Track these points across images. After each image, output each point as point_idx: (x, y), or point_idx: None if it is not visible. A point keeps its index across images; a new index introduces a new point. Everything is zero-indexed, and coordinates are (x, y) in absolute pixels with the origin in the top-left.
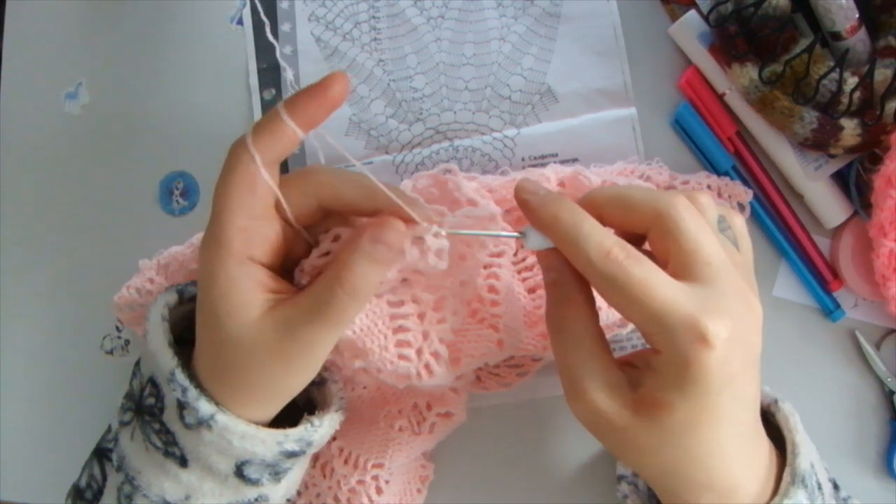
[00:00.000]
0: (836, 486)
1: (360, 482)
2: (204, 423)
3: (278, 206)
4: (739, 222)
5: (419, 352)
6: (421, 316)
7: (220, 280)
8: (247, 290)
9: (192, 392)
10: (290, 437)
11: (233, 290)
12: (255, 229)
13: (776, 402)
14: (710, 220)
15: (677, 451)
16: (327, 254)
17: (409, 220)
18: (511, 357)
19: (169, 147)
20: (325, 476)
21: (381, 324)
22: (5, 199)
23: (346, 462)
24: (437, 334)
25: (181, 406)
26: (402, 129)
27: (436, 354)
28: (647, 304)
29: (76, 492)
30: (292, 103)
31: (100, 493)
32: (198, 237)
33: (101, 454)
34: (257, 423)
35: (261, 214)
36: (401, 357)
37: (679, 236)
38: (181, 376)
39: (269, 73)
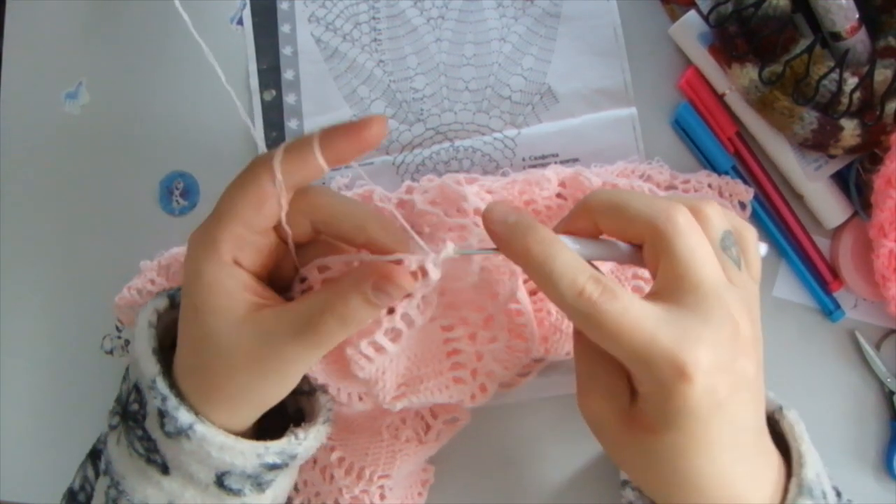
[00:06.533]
0: (838, 494)
1: (365, 492)
2: (183, 433)
3: (277, 226)
4: (750, 236)
5: (474, 373)
6: (472, 337)
7: (206, 276)
8: (232, 289)
9: (172, 401)
10: (271, 450)
11: (218, 288)
12: (249, 239)
13: (781, 409)
14: (713, 235)
15: (668, 471)
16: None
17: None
18: None
19: (169, 147)
20: (325, 480)
21: (435, 348)
22: (5, 199)
23: (347, 473)
24: (491, 354)
25: (161, 414)
26: (403, 130)
27: (490, 374)
28: (623, 342)
29: (70, 494)
30: (326, 137)
31: (93, 494)
32: None
33: (95, 456)
34: (235, 432)
35: (259, 231)
36: (455, 380)
37: (671, 257)
38: (162, 384)
39: (270, 73)
